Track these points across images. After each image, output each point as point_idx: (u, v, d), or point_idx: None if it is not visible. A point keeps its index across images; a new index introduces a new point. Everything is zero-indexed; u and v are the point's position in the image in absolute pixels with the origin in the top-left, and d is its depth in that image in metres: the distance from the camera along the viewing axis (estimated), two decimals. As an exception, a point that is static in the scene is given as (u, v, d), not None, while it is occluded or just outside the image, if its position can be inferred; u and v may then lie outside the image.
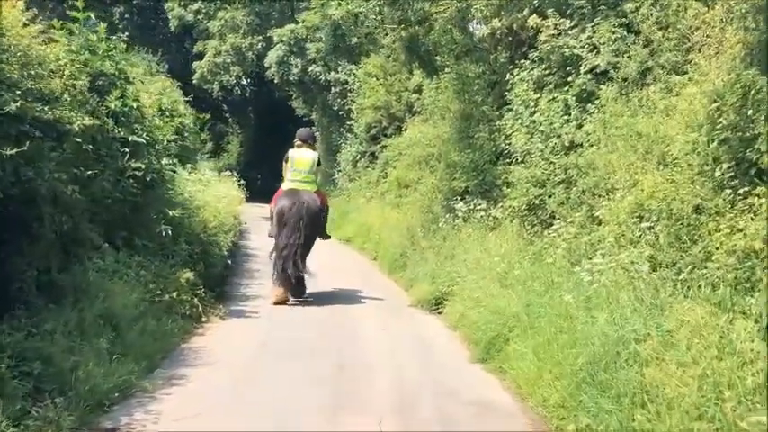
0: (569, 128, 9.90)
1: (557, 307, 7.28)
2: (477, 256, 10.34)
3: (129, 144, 9.00)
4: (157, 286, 8.67)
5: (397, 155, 19.51)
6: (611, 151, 8.59)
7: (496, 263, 9.50)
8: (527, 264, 9.18)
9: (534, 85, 11.16)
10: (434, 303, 10.94)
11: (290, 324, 9.81)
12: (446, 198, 13.67)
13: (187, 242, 10.12)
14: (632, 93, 9.11)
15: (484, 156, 12.81)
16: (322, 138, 28.59)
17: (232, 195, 13.95)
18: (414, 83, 21.08)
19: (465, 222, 12.07)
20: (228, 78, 29.15)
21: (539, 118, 10.56)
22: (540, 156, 10.30)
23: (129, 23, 35.71)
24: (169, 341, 8.02)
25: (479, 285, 9.60)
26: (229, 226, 12.65)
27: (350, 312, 10.77)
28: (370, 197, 20.57)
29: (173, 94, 15.91)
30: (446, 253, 11.72)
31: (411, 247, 13.52)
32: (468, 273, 10.22)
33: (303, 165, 11.54)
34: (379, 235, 16.88)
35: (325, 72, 24.47)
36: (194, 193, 11.54)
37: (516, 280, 8.95)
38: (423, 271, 12.07)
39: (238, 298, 11.25)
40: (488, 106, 13.47)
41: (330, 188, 25.34)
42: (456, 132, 14.39)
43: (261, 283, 12.54)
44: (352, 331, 9.55)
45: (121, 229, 8.89)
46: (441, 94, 16.61)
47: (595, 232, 8.12)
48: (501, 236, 10.69)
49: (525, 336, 7.61)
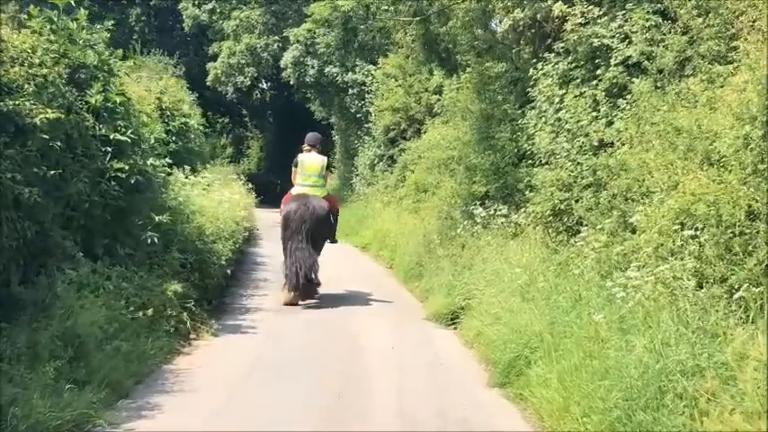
0: (598, 125, 8.98)
1: (585, 327, 6.36)
2: (497, 267, 9.43)
3: (111, 143, 8.15)
4: (140, 300, 7.80)
5: (416, 158, 18.63)
6: (646, 150, 7.65)
7: (518, 274, 8.58)
8: (551, 275, 8.26)
9: (559, 79, 10.24)
10: (450, 317, 10.05)
11: (289, 341, 8.92)
12: (465, 203, 12.78)
13: (180, 250, 9.26)
14: (669, 85, 8.16)
15: (505, 157, 11.96)
16: (340, 141, 27.81)
17: (234, 200, 13.08)
18: (434, 83, 20.25)
19: (484, 229, 11.17)
20: (243, 80, 28.33)
21: (564, 115, 9.66)
22: (565, 156, 9.41)
23: (145, 25, 35.16)
24: (146, 363, 7.12)
25: (498, 299, 8.70)
26: (231, 232, 11.77)
27: (357, 327, 9.87)
28: (387, 202, 19.69)
29: (178, 94, 15.11)
30: (464, 262, 10.81)
31: (427, 256, 12.62)
32: (487, 285, 9.31)
33: (313, 169, 11.56)
34: (396, 242, 16.00)
35: (342, 73, 23.57)
36: (190, 198, 10.67)
37: (539, 293, 8.04)
38: (438, 281, 11.18)
39: (238, 311, 10.38)
40: (510, 105, 12.62)
41: (347, 193, 24.55)
42: (476, 133, 13.51)
43: (265, 294, 11.71)
44: (358, 350, 8.66)
45: (102, 236, 8.06)
46: (460, 93, 15.69)
47: (629, 241, 7.18)
48: (523, 244, 9.79)
49: (549, 359, 6.69)
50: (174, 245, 9.19)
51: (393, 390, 7.14)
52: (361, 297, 12.00)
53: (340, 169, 27.73)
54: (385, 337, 9.26)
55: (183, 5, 30.77)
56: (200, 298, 9.57)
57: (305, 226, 10.98)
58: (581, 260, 8.11)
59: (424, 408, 6.67)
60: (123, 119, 8.48)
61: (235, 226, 12.36)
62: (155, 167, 9.27)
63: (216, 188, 13.18)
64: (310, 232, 11.03)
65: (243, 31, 27.24)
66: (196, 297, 9.26)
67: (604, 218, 8.15)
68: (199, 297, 9.50)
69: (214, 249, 10.26)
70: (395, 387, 7.23)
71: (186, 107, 14.99)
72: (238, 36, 27.48)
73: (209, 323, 8.94)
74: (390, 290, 12.96)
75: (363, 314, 10.73)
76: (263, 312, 10.36)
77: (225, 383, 7.03)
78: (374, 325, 9.98)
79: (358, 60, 23.36)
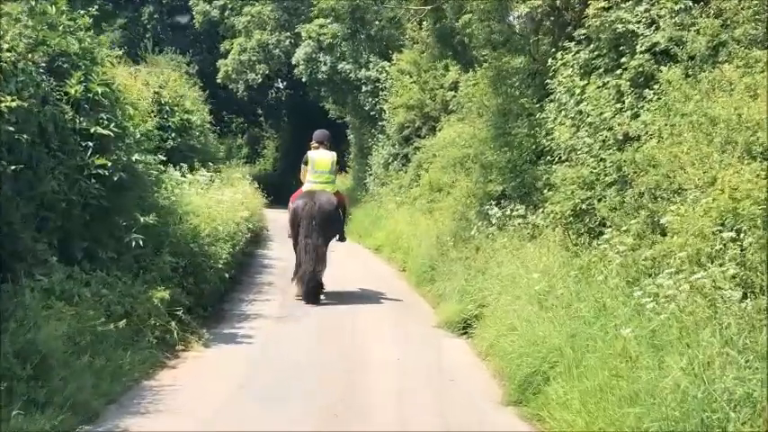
0: (623, 118, 8.26)
1: (611, 342, 5.65)
2: (513, 271, 8.71)
3: (93, 137, 7.50)
4: (122, 308, 7.15)
5: (431, 156, 17.94)
6: (677, 143, 6.94)
7: (535, 280, 7.85)
8: (572, 281, 7.55)
9: (581, 70, 9.54)
10: (462, 325, 9.34)
11: (285, 352, 8.22)
12: (480, 203, 12.08)
13: (172, 253, 8.61)
14: (701, 73, 7.43)
15: (523, 154, 11.27)
16: (354, 140, 27.14)
17: (236, 199, 12.40)
18: (449, 79, 19.58)
19: (500, 231, 10.46)
20: (254, 77, 27.63)
21: (586, 108, 8.94)
22: (587, 152, 8.70)
23: (158, 23, 34.64)
24: (122, 380, 6.42)
25: (514, 307, 7.99)
26: (230, 234, 11.09)
27: (362, 335, 9.21)
28: (400, 202, 18.99)
29: (180, 89, 14.47)
30: (477, 266, 10.10)
31: (440, 259, 11.91)
32: (502, 291, 8.60)
33: (323, 166, 11.55)
34: (409, 243, 15.30)
35: (356, 69, 22.85)
36: (185, 197, 10.02)
37: (559, 302, 7.33)
38: (450, 286, 10.46)
39: (236, 318, 9.70)
40: (528, 99, 11.89)
41: (362, 193, 23.87)
42: (492, 129, 12.82)
43: (268, 299, 11.05)
44: (361, 361, 7.97)
45: (81, 238, 7.41)
46: (476, 88, 14.99)
47: (659, 244, 6.46)
48: (541, 247, 9.09)
49: (570, 376, 5.99)
50: (165, 247, 8.53)
51: (396, 409, 6.46)
52: (369, 302, 11.35)
53: (354, 169, 27.07)
54: (391, 348, 8.57)
55: (194, 1, 30.12)
56: (194, 305, 8.95)
57: (314, 222, 11.01)
58: (604, 265, 7.40)
59: (430, 429, 5.99)
60: (108, 111, 7.82)
61: (235, 227, 11.66)
62: (145, 164, 8.64)
63: (216, 187, 12.51)
64: (319, 228, 11.05)
65: (254, 27, 26.52)
66: (189, 304, 8.64)
67: (630, 218, 7.44)
68: (193, 304, 8.88)
69: (210, 252, 9.58)
70: (398, 406, 6.55)
71: (188, 103, 14.33)
72: (249, 32, 26.78)
73: (201, 332, 8.25)
74: (401, 294, 12.28)
75: (370, 321, 10.05)
76: (263, 320, 9.69)
77: (208, 402, 6.34)
78: (380, 334, 9.31)
79: (371, 56, 22.64)
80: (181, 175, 10.89)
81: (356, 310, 10.76)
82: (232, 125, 45.15)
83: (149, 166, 8.95)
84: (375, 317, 10.33)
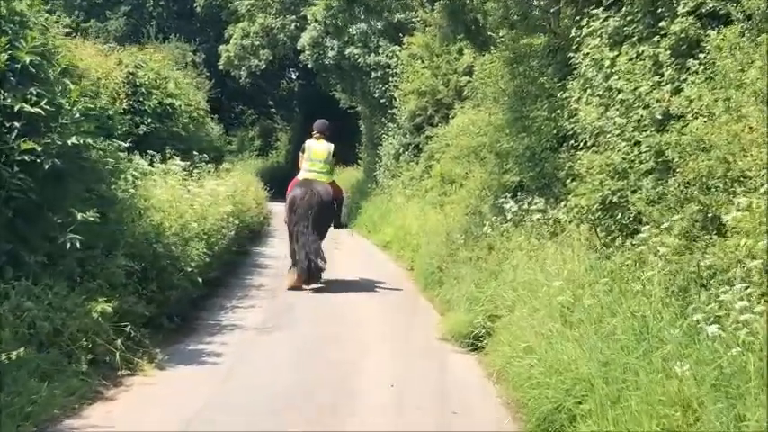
0: (662, 93, 6.88)
1: (660, 380, 4.26)
2: (530, 277, 7.33)
3: (19, 116, 6.18)
4: (50, 326, 5.83)
5: (444, 146, 16.59)
6: (734, 120, 5.54)
7: (557, 289, 6.48)
8: (602, 291, 6.19)
9: (610, 39, 8.12)
10: (471, 339, 7.98)
11: (259, 374, 6.86)
12: (495, 196, 10.74)
13: (129, 255, 7.29)
14: (762, 35, 6.02)
15: (542, 141, 9.98)
16: (365, 130, 25.80)
17: (218, 192, 11.06)
18: (463, 63, 18.29)
19: (516, 227, 9.12)
20: (258, 63, 26.23)
21: (617, 83, 7.55)
22: (618, 135, 7.34)
23: (163, 10, 33.44)
24: (27, 422, 5.04)
25: (532, 321, 6.62)
26: (209, 230, 9.77)
27: (357, 349, 7.87)
28: (410, 195, 17.64)
29: (165, 71, 13.14)
30: (490, 268, 8.74)
31: (449, 258, 10.54)
32: (518, 300, 7.24)
33: (319, 155, 11.65)
34: (418, 240, 13.95)
35: (364, 54, 21.43)
36: (150, 190, 8.71)
37: (586, 316, 5.98)
38: (459, 292, 9.09)
39: (208, 330, 8.36)
40: (548, 78, 10.49)
41: (372, 186, 22.53)
42: (508, 113, 11.44)
43: (252, 306, 9.77)
44: (349, 390, 6.58)
45: (4, 240, 6.08)
46: (492, 68, 13.61)
47: (714, 246, 5.08)
48: (563, 246, 7.76)
49: (602, 418, 4.65)
50: (119, 249, 7.20)
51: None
52: (369, 307, 10.10)
53: (365, 160, 25.75)
54: (387, 368, 7.24)
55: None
56: (157, 315, 7.64)
57: (311, 212, 11.04)
58: (642, 270, 6.05)
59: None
60: (41, 86, 6.48)
61: (218, 223, 10.33)
62: (101, 151, 7.34)
63: (196, 178, 11.17)
64: (315, 218, 11.08)
65: (258, 10, 25.05)
66: (149, 314, 7.32)
67: (673, 213, 6.09)
68: (155, 313, 7.57)
69: (178, 252, 8.25)
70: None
71: (172, 86, 12.99)
72: (253, 16, 25.34)
73: (154, 352, 6.84)
74: (406, 298, 10.97)
75: (367, 331, 8.73)
76: (240, 332, 8.36)
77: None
78: (377, 349, 7.97)
79: (381, 41, 21.27)
80: (149, 164, 9.57)
81: (353, 316, 9.50)
82: (243, 116, 44.01)
83: (105, 154, 7.63)
84: (373, 326, 9.02)
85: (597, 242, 7.36)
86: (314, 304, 10.09)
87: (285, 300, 10.22)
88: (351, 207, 23.61)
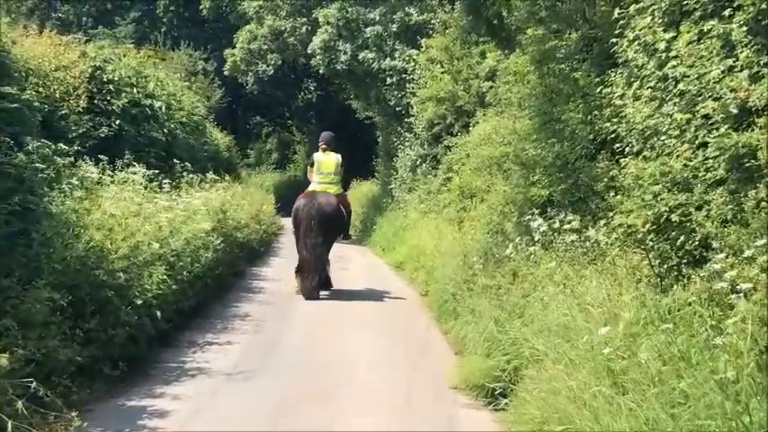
0: (738, 80, 5.30)
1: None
2: (565, 318, 5.72)
3: None
4: None
5: (463, 157, 15.06)
6: None
7: (603, 339, 4.88)
8: (663, 341, 4.59)
9: (664, 17, 6.53)
10: (491, 391, 6.38)
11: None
12: (520, 212, 9.19)
13: (56, 286, 5.75)
14: None
15: (576, 147, 8.51)
16: (381, 141, 24.32)
17: (194, 206, 9.48)
18: (485, 67, 16.76)
19: (546, 250, 7.52)
20: (266, 68, 24.66)
21: (675, 71, 5.99)
22: (678, 135, 5.78)
23: (174, 17, 32.16)
24: None
25: (569, 377, 5.02)
26: (185, 251, 8.25)
27: (347, 404, 6.30)
28: (426, 210, 16.09)
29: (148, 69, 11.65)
30: (514, 301, 7.13)
31: (465, 286, 8.96)
32: (549, 348, 5.62)
33: (328, 167, 11.92)
34: (433, 262, 12.38)
35: (379, 58, 19.88)
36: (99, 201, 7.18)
37: (644, 377, 4.38)
38: (476, 329, 7.48)
39: (164, 376, 6.78)
40: (583, 74, 8.93)
41: (387, 200, 20.99)
42: (536, 117, 9.90)
43: (229, 342, 8.20)
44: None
45: None
46: (516, 67, 12.10)
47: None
48: (605, 276, 6.15)
49: None
50: (43, 277, 5.67)
51: None
52: (371, 346, 8.56)
53: (381, 173, 24.24)
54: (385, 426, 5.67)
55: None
56: (98, 359, 6.12)
57: (313, 221, 11.25)
58: (714, 313, 4.50)
59: None
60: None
61: (193, 242, 8.78)
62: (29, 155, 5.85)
63: (167, 191, 9.60)
64: (318, 227, 11.27)
65: (267, 12, 23.48)
66: (81, 361, 5.79)
67: (756, 237, 4.54)
68: (93, 358, 6.04)
69: (129, 280, 6.69)
70: None
71: (152, 85, 11.51)
72: (261, 19, 23.81)
73: (69, 416, 5.22)
74: (416, 332, 9.42)
75: (365, 376, 7.19)
76: (205, 378, 6.78)
77: None
78: (374, 403, 6.39)
79: (397, 44, 19.75)
80: (101, 171, 8.06)
81: (350, 357, 7.95)
82: (259, 128, 42.81)
83: (37, 158, 6.13)
84: (374, 370, 7.45)
85: (650, 272, 5.78)
86: (305, 340, 8.53)
87: (270, 334, 8.67)
88: (365, 223, 22.32)
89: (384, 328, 9.36)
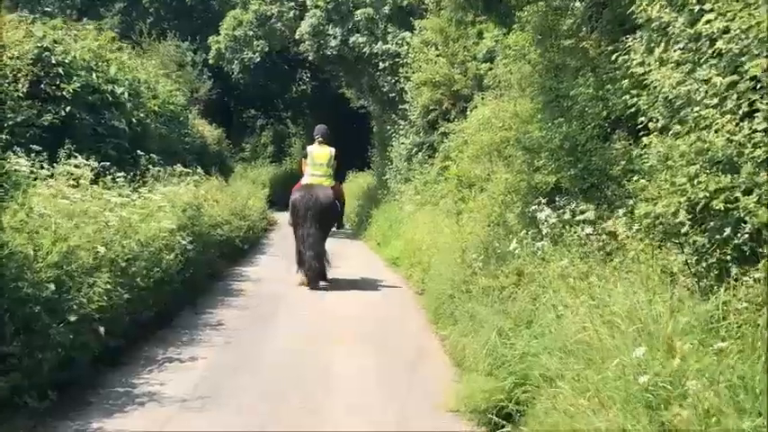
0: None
1: None
2: (585, 333, 4.65)
3: None
4: None
5: (461, 144, 14.04)
6: None
7: (635, 362, 3.82)
8: (713, 363, 3.57)
9: (694, -36, 5.48)
10: (495, 415, 5.33)
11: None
12: (524, 202, 8.15)
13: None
14: None
15: (586, 126, 7.47)
16: (376, 130, 23.32)
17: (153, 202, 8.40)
18: (483, 48, 15.83)
19: (555, 245, 6.47)
20: (252, 56, 23.52)
21: (710, 27, 4.91)
22: (716, 105, 4.72)
23: (161, 7, 31.07)
24: None
25: (592, 403, 3.97)
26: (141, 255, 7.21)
27: None
28: (421, 202, 15.06)
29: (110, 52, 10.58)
30: (520, 307, 6.08)
31: (463, 287, 7.91)
32: (564, 366, 4.56)
33: (322, 159, 12.01)
34: (429, 257, 11.35)
35: (371, 42, 18.79)
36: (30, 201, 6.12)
37: (695, 415, 3.34)
38: (477, 340, 6.41)
39: (104, 406, 5.67)
40: (593, 43, 7.90)
41: (383, 191, 19.98)
42: (540, 94, 8.87)
43: (192, 358, 7.12)
44: None
45: None
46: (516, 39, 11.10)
47: None
48: (626, 275, 5.11)
49: None
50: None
51: None
52: (358, 356, 7.53)
53: (376, 164, 23.26)
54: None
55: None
56: (16, 391, 5.08)
57: (310, 213, 11.45)
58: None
59: None
60: None
61: (153, 244, 7.72)
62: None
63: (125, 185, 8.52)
64: (316, 219, 11.48)
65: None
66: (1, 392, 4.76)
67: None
68: (9, 391, 5.00)
69: (63, 293, 5.64)
70: None
71: (113, 70, 10.44)
72: (246, 4, 22.67)
73: None
74: (410, 338, 8.39)
75: (349, 394, 6.21)
76: (155, 408, 5.70)
77: None
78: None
79: (389, 26, 18.67)
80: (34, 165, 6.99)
81: (333, 372, 6.90)
82: (255, 121, 41.77)
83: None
84: (362, 392, 6.38)
85: (685, 272, 4.74)
86: (282, 355, 7.46)
87: (243, 346, 7.62)
88: (361, 216, 21.34)
89: (375, 338, 8.30)
